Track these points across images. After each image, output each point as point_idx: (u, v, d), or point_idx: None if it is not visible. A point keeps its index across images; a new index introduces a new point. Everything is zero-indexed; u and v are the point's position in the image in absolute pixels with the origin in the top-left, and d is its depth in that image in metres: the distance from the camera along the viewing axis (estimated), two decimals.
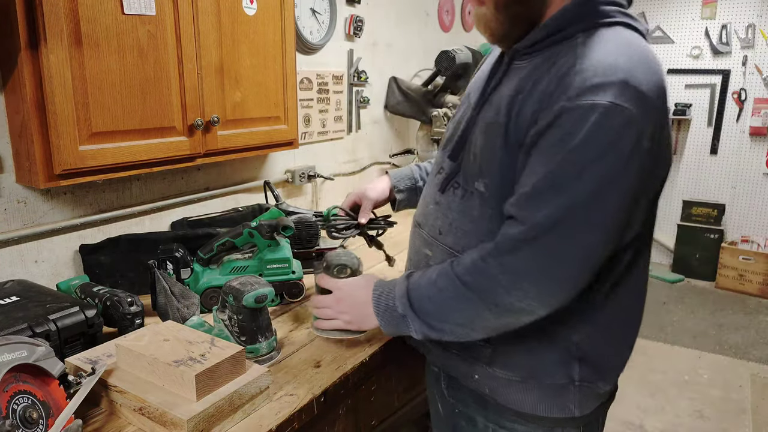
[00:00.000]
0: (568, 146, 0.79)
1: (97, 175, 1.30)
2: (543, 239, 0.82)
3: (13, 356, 0.81)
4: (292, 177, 2.15)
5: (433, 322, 0.94)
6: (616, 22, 0.86)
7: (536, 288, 0.84)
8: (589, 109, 0.77)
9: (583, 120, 0.78)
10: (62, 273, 1.45)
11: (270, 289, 1.10)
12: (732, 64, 4.44)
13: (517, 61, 0.93)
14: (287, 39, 1.74)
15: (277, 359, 1.14)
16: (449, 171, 1.01)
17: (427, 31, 3.02)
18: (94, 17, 1.22)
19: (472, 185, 0.95)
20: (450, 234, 1.00)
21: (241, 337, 1.10)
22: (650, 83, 0.80)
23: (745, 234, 4.54)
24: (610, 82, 0.78)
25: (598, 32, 0.85)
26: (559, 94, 0.81)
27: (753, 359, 3.33)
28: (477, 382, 1.02)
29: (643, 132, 0.79)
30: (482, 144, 0.93)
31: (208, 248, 1.35)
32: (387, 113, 2.74)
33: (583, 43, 0.84)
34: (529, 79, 0.88)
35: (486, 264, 0.87)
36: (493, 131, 0.91)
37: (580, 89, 0.79)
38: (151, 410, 0.90)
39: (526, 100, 0.86)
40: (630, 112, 0.77)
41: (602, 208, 0.80)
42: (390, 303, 0.99)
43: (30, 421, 0.79)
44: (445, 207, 1.01)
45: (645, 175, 0.82)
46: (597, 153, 0.78)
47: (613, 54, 0.81)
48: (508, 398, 0.99)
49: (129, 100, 1.32)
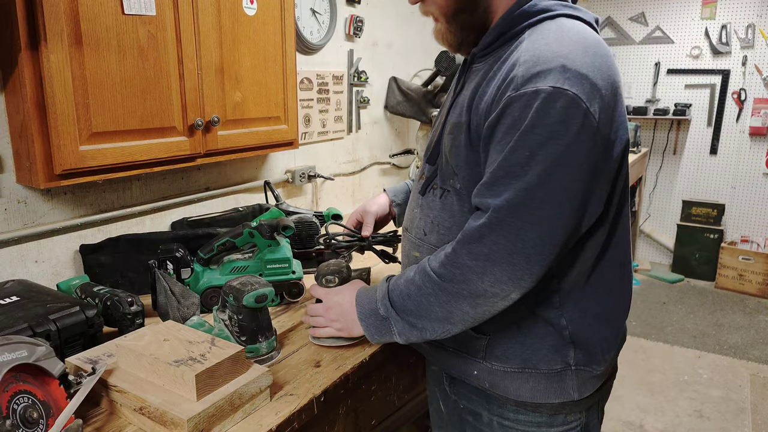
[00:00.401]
0: (516, 132, 0.84)
1: (98, 175, 1.31)
2: (504, 222, 0.85)
3: (14, 356, 0.81)
4: (292, 177, 2.15)
5: (414, 320, 0.96)
6: (558, 14, 0.92)
7: (505, 270, 0.87)
8: (533, 95, 0.83)
9: (528, 106, 0.83)
10: (62, 273, 1.46)
11: (270, 289, 1.10)
12: (732, 64, 4.44)
13: (475, 64, 1.01)
14: (287, 39, 1.74)
15: (277, 359, 1.14)
16: (429, 174, 1.06)
17: (427, 31, 3.02)
18: (95, 17, 1.22)
19: (449, 184, 1.00)
20: (433, 233, 1.04)
21: (241, 337, 1.10)
22: (590, 65, 0.84)
23: (744, 234, 4.54)
24: (549, 69, 0.83)
25: (541, 26, 0.91)
26: (507, 86, 0.86)
27: (753, 359, 3.33)
28: (476, 378, 1.03)
29: (587, 111, 0.83)
30: (450, 144, 0.99)
31: (208, 248, 1.35)
32: (387, 113, 2.74)
33: (528, 38, 0.90)
34: (484, 78, 0.94)
35: (456, 254, 0.90)
36: (457, 131, 0.97)
37: (523, 78, 0.84)
38: (151, 410, 0.90)
39: (482, 97, 0.92)
40: (570, 94, 0.82)
41: (557, 188, 0.84)
42: (372, 306, 1.02)
43: (30, 421, 0.80)
44: (427, 208, 1.06)
45: (598, 153, 0.86)
46: (544, 135, 0.83)
47: (552, 43, 0.87)
48: (508, 389, 1.00)
49: (129, 100, 1.32)
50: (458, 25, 0.99)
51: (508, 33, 0.94)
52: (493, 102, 0.88)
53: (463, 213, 0.98)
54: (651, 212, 4.96)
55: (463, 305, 0.91)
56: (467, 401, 1.08)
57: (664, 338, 3.59)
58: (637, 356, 3.33)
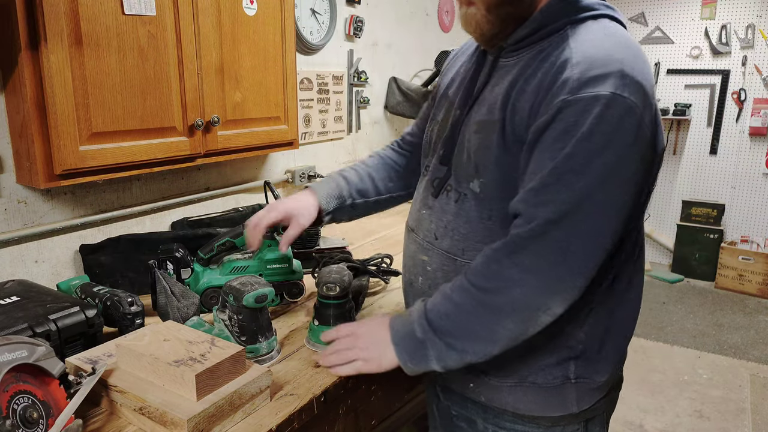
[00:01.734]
0: (572, 139, 0.79)
1: (98, 175, 1.31)
2: (552, 234, 0.81)
3: (14, 356, 0.81)
4: (292, 177, 2.15)
5: (454, 341, 0.89)
6: (601, 14, 0.88)
7: (550, 283, 0.83)
8: (591, 101, 0.78)
9: (586, 112, 0.78)
10: (62, 273, 1.46)
11: (270, 289, 1.10)
12: (731, 64, 4.45)
13: (504, 59, 0.93)
14: (287, 39, 1.74)
15: (277, 359, 1.14)
16: (441, 175, 1.00)
17: (427, 31, 3.02)
18: (95, 17, 1.22)
19: (466, 187, 0.94)
20: (446, 238, 0.98)
21: (241, 337, 1.10)
22: (643, 73, 0.81)
23: (744, 234, 4.54)
24: (607, 73, 0.79)
25: (585, 25, 0.86)
26: (559, 88, 0.81)
27: (753, 359, 3.33)
28: (472, 391, 1.01)
29: (642, 120, 0.80)
30: (477, 143, 0.92)
31: (208, 248, 1.35)
32: (387, 113, 2.74)
33: (574, 37, 0.85)
34: (521, 75, 0.88)
35: (500, 265, 0.85)
36: (487, 130, 0.91)
37: (579, 82, 0.79)
38: (151, 410, 0.90)
39: (520, 95, 0.86)
40: (630, 102, 0.78)
41: (609, 199, 0.81)
42: (408, 329, 0.93)
43: (30, 421, 0.79)
44: (439, 211, 1.00)
45: (646, 164, 0.83)
46: (601, 144, 0.78)
47: (605, 45, 0.82)
48: (505, 402, 0.98)
49: (129, 100, 1.32)
50: (499, 15, 0.89)
51: (545, 28, 0.87)
52: (541, 104, 0.83)
53: (481, 220, 0.93)
54: (651, 212, 4.96)
55: (506, 321, 0.86)
56: (461, 408, 1.06)
57: (664, 338, 3.59)
58: (637, 356, 3.33)
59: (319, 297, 1.17)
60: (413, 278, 1.07)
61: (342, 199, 1.20)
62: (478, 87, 0.96)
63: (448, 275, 0.97)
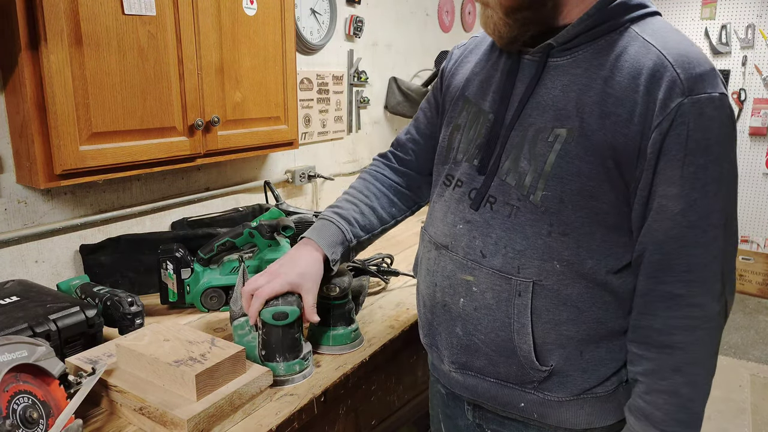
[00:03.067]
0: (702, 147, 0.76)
1: (98, 175, 1.31)
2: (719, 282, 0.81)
3: (14, 356, 0.81)
4: (292, 177, 2.15)
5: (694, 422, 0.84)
6: (654, 11, 0.86)
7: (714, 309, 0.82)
8: (708, 103, 0.76)
9: (712, 119, 0.76)
10: (62, 273, 1.46)
11: (293, 308, 1.00)
12: (732, 64, 4.44)
13: (554, 58, 0.86)
14: (287, 39, 1.74)
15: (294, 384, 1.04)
16: (480, 185, 0.91)
17: (427, 31, 3.03)
18: (95, 17, 1.22)
19: (519, 199, 0.86)
20: (497, 255, 0.88)
21: (262, 351, 1.05)
22: None
23: (744, 234, 4.54)
24: (706, 71, 0.77)
25: (647, 21, 0.84)
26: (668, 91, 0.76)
27: (753, 359, 3.33)
28: (522, 410, 0.92)
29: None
30: (542, 152, 0.84)
31: (208, 248, 1.35)
32: (387, 113, 2.74)
33: (644, 33, 0.81)
34: (592, 77, 0.82)
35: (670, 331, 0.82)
36: (559, 137, 0.83)
37: (688, 81, 0.76)
38: (151, 410, 0.90)
39: (605, 99, 0.80)
40: (728, 101, 0.78)
41: (733, 208, 0.81)
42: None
43: (30, 421, 0.80)
44: (483, 225, 0.90)
45: None
46: (727, 148, 0.78)
47: (684, 42, 0.80)
48: (561, 419, 0.91)
49: (129, 101, 1.32)
50: (517, 19, 0.85)
51: (603, 25, 0.82)
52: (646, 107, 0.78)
53: (540, 235, 0.85)
54: None
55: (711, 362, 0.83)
56: (498, 425, 0.98)
57: None
58: None
59: (320, 297, 1.17)
60: (450, 300, 0.95)
61: (346, 243, 1.12)
62: (525, 90, 0.88)
63: (500, 296, 0.88)
